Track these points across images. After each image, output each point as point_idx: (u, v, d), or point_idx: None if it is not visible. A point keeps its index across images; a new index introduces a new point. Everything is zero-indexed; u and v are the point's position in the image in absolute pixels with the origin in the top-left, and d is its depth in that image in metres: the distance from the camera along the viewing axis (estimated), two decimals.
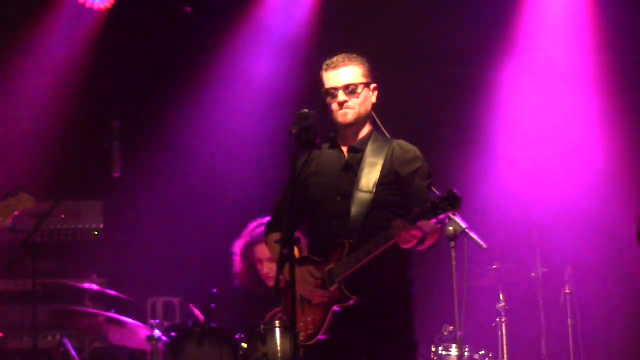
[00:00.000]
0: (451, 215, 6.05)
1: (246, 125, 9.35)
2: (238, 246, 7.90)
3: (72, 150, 9.21)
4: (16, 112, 9.43)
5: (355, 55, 5.78)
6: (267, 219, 6.82)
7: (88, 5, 9.08)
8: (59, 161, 9.21)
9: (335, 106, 5.61)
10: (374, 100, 5.73)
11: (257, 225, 7.67)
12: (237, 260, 7.87)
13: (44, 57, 9.41)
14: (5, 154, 9.21)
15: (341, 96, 5.57)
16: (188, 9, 9.17)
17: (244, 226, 7.96)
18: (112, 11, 9.15)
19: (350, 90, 5.61)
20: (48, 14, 9.34)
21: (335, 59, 5.76)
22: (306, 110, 5.31)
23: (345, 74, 5.68)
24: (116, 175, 7.32)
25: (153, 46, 9.44)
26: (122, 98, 9.29)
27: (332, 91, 5.62)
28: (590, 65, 9.14)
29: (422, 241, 5.43)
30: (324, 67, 5.74)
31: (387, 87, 5.99)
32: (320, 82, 5.79)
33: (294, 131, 5.33)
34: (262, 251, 7.44)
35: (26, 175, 8.50)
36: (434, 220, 5.34)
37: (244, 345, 7.27)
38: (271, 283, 7.44)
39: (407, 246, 5.42)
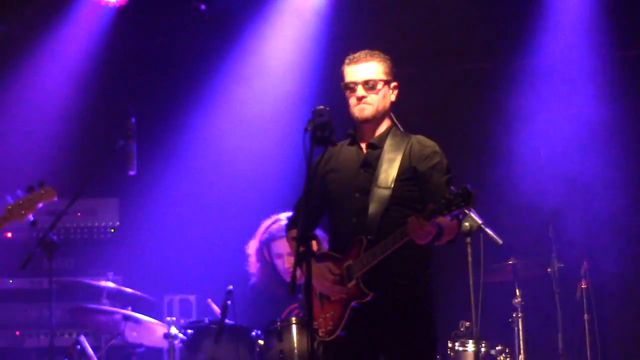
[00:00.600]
0: (466, 211, 5.95)
1: (262, 123, 9.30)
2: (252, 246, 7.89)
3: (89, 148, 9.15)
4: (33, 110, 9.37)
5: (377, 52, 5.77)
6: (280, 216, 7.50)
7: (103, 2, 9.04)
8: (75, 159, 9.17)
9: (353, 100, 5.61)
10: (392, 98, 5.73)
11: (273, 222, 7.70)
12: (252, 260, 7.86)
13: (61, 54, 9.40)
14: (24, 151, 9.24)
15: (360, 91, 5.57)
16: (203, 6, 9.15)
17: (260, 222, 7.99)
18: (128, 8, 9.13)
19: (370, 85, 5.60)
20: (65, 11, 9.25)
21: (357, 54, 5.76)
22: (321, 107, 5.26)
23: (365, 69, 5.67)
24: (132, 173, 7.20)
25: (169, 43, 9.48)
26: (139, 96, 9.15)
27: (352, 85, 5.62)
28: (602, 63, 9.11)
29: (438, 237, 5.40)
30: (346, 61, 5.74)
31: (403, 82, 5.89)
32: (341, 76, 5.78)
33: (309, 128, 5.29)
34: (282, 246, 7.49)
35: (43, 173, 8.25)
36: (448, 217, 5.33)
37: (261, 342, 7.24)
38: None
39: (423, 242, 5.39)
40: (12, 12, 9.40)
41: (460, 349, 7.60)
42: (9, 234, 8.59)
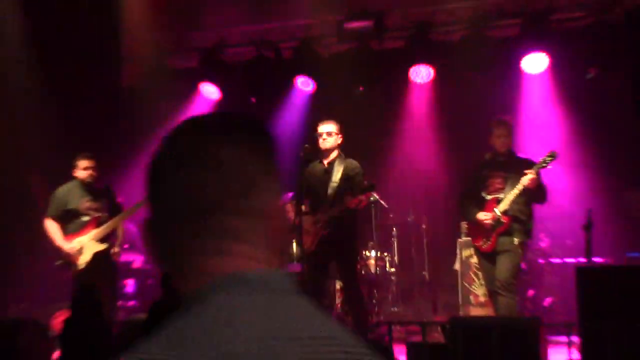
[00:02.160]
0: (372, 192, 9.20)
1: (285, 149, 11.30)
2: None
3: None
4: None
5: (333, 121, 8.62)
6: (291, 194, 9.35)
7: (300, 90, 12.14)
8: None
9: (321, 141, 8.58)
10: (339, 141, 8.64)
11: (285, 196, 8.26)
12: None
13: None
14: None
15: (325, 136, 8.58)
16: (253, 100, 12.41)
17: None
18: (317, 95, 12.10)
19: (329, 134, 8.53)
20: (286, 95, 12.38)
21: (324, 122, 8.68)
22: (307, 145, 8.54)
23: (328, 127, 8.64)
24: None
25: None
26: None
27: (321, 133, 8.57)
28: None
29: (358, 205, 8.42)
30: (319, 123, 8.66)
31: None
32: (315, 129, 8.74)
33: (301, 154, 8.52)
34: (289, 209, 9.10)
35: None
36: (363, 197, 8.44)
37: None
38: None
39: (353, 207, 8.38)
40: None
41: (367, 253, 10.90)
42: None
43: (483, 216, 8.49)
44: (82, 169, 9.43)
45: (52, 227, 9.42)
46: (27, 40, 11.16)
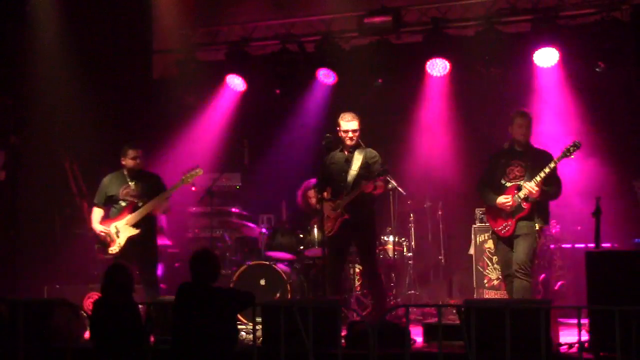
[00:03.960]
0: (388, 178, 9.30)
1: (307, 138, 11.86)
2: (299, 192, 10.71)
3: (230, 150, 12.06)
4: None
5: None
6: (310, 180, 10.11)
7: (322, 82, 12.09)
8: (220, 155, 12.22)
9: (347, 139, 8.86)
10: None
11: (308, 182, 10.46)
12: (299, 198, 10.70)
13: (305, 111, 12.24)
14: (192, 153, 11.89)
15: (350, 134, 8.83)
16: (277, 91, 12.40)
17: (303, 179, 10.73)
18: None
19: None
20: (307, 88, 12.33)
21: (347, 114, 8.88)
22: (328, 134, 8.80)
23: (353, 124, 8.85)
24: (245, 162, 11.54)
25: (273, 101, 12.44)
26: (251, 126, 12.43)
27: (346, 130, 8.81)
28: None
29: (375, 189, 8.65)
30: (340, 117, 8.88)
31: None
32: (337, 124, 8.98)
33: (323, 143, 8.75)
34: (312, 193, 10.06)
35: (203, 160, 11.07)
36: (378, 180, 8.65)
37: (301, 235, 10.49)
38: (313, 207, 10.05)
39: (369, 191, 8.59)
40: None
41: (385, 238, 10.97)
42: (194, 188, 10.81)
43: (504, 199, 8.41)
44: (130, 159, 9.47)
45: (94, 214, 9.53)
46: (63, 34, 11.23)
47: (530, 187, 8.22)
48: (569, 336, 7.75)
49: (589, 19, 10.81)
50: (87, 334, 7.52)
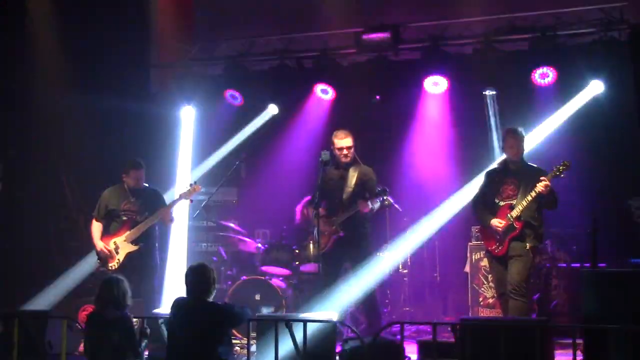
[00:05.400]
0: (385, 196, 8.91)
1: (305, 154, 11.60)
2: (298, 207, 9.91)
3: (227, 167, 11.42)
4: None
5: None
6: (308, 197, 9.48)
7: (320, 98, 11.88)
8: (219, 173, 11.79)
9: (342, 156, 8.80)
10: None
11: (308, 198, 9.65)
12: (298, 212, 9.87)
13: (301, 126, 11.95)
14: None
15: (345, 151, 8.74)
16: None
17: (302, 196, 9.97)
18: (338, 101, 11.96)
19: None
20: (304, 102, 12.22)
21: (340, 132, 8.79)
22: (325, 151, 8.67)
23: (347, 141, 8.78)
24: (242, 176, 11.70)
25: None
26: (246, 145, 12.22)
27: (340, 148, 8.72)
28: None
29: (371, 210, 8.57)
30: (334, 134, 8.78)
31: None
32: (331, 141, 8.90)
33: (320, 159, 8.62)
34: (309, 210, 9.44)
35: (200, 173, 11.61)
36: (375, 200, 8.53)
37: (297, 251, 10.41)
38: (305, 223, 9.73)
39: (365, 210, 8.52)
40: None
41: (380, 254, 10.30)
42: (191, 201, 9.91)
43: (497, 222, 8.38)
44: (132, 179, 9.42)
45: (93, 228, 9.43)
46: (62, 47, 11.21)
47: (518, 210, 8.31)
48: (563, 356, 7.68)
49: (587, 38, 10.82)
50: (81, 347, 7.55)
